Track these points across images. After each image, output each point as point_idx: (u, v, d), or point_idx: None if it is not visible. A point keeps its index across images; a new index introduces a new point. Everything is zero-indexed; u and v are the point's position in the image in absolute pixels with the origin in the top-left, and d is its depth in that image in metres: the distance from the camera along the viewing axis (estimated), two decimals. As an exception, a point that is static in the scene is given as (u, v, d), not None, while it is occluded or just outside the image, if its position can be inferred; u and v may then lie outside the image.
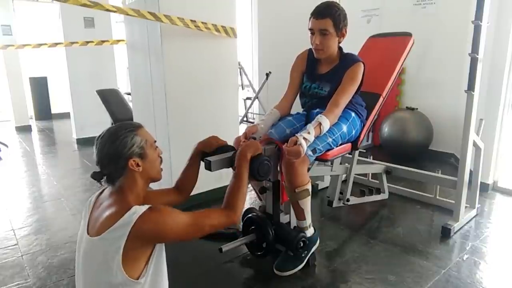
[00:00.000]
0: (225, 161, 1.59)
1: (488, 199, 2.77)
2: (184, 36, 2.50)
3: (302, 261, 1.84)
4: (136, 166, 1.20)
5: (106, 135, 1.20)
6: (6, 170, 3.89)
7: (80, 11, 4.46)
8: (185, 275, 1.83)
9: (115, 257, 1.09)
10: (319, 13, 1.83)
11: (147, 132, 1.28)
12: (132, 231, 1.09)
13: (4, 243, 2.26)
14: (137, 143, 1.20)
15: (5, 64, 5.92)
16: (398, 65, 2.30)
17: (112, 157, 1.18)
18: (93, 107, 4.86)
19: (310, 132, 1.68)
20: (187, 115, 2.63)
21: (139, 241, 1.12)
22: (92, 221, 1.22)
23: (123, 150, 1.18)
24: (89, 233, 1.18)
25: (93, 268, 1.16)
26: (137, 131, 1.23)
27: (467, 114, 2.14)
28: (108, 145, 1.18)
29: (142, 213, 1.12)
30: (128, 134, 1.20)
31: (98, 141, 1.21)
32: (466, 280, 1.77)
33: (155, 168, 1.29)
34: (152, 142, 1.28)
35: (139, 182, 1.24)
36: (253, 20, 5.17)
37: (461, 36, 3.47)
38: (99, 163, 1.20)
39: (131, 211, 1.13)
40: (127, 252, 1.10)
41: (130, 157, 1.19)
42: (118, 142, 1.18)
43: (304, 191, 1.79)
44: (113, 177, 1.21)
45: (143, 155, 1.22)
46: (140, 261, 1.15)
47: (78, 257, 1.24)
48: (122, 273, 1.10)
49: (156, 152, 1.30)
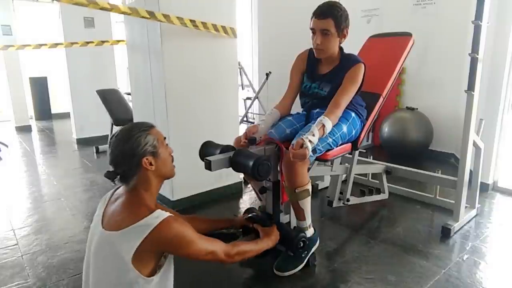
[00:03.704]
0: (224, 161, 1.59)
1: (488, 199, 2.77)
2: (184, 36, 2.50)
3: (302, 261, 1.84)
4: (149, 165, 1.23)
5: (120, 134, 1.23)
6: (6, 170, 3.90)
7: (80, 11, 4.47)
8: (185, 275, 1.83)
9: (128, 255, 1.11)
10: (321, 13, 1.83)
11: (159, 131, 1.30)
12: (150, 234, 1.11)
13: (4, 243, 2.25)
14: (150, 142, 1.23)
15: (5, 64, 5.92)
16: (398, 65, 2.30)
17: (126, 155, 1.20)
18: (93, 107, 4.86)
19: (315, 134, 1.67)
20: (187, 115, 2.63)
21: (154, 245, 1.14)
22: (107, 215, 1.24)
23: (137, 148, 1.20)
24: (104, 227, 1.20)
25: (105, 261, 1.18)
26: (150, 130, 1.26)
27: (467, 114, 2.14)
28: (122, 144, 1.21)
29: (164, 219, 1.14)
30: (141, 133, 1.22)
31: (112, 140, 1.23)
32: (466, 280, 1.76)
33: (168, 166, 1.32)
34: (163, 140, 1.31)
35: (153, 181, 1.26)
36: (253, 20, 5.17)
37: (461, 36, 3.47)
38: (113, 162, 1.22)
39: (154, 214, 1.15)
40: (140, 252, 1.12)
41: (144, 155, 1.21)
42: (132, 141, 1.20)
43: (304, 191, 1.79)
44: (126, 176, 1.23)
45: (156, 153, 1.25)
46: (152, 261, 1.18)
47: (89, 249, 1.26)
48: (133, 270, 1.12)
49: (167, 150, 1.32)
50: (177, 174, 1.65)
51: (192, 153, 1.91)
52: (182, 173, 2.63)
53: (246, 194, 2.99)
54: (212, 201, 2.81)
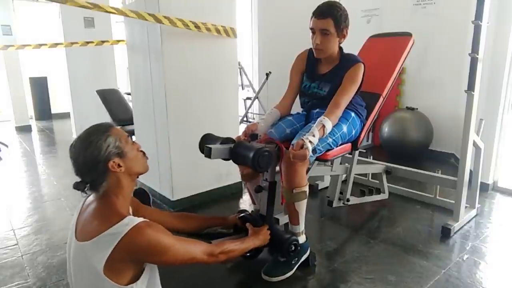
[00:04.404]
0: (225, 150, 1.57)
1: (488, 199, 2.77)
2: (184, 36, 2.50)
3: (291, 268, 1.80)
4: (117, 167, 1.16)
5: (78, 142, 1.15)
6: (6, 170, 3.90)
7: (80, 11, 4.47)
8: (183, 275, 1.83)
9: (99, 265, 1.06)
10: (320, 13, 1.83)
11: (120, 130, 1.23)
12: (121, 242, 1.05)
13: (4, 243, 2.25)
14: (112, 143, 1.15)
15: (5, 64, 5.92)
16: (398, 65, 2.30)
17: (90, 164, 1.13)
18: (93, 107, 4.85)
19: (315, 135, 1.67)
20: (187, 115, 2.63)
21: (128, 254, 1.08)
22: (79, 225, 1.18)
23: (100, 154, 1.13)
24: (77, 238, 1.15)
25: (81, 272, 1.14)
26: (110, 131, 1.18)
27: (467, 114, 2.14)
28: (83, 153, 1.13)
29: (135, 226, 1.08)
30: (101, 137, 1.15)
31: (71, 151, 1.15)
32: (466, 280, 1.76)
33: (139, 162, 1.25)
34: (127, 139, 1.22)
35: (124, 183, 1.20)
36: (253, 20, 5.17)
37: (461, 36, 3.47)
38: (78, 173, 1.15)
39: (124, 221, 1.09)
40: (112, 261, 1.06)
41: (109, 159, 1.14)
42: (93, 147, 1.13)
43: (301, 192, 1.78)
44: (96, 183, 1.16)
45: (122, 153, 1.17)
46: (129, 269, 1.12)
47: (68, 261, 1.22)
48: (107, 280, 1.07)
49: (134, 146, 1.25)
50: (177, 174, 1.65)
51: (192, 153, 1.90)
52: (182, 173, 2.66)
53: (246, 194, 2.99)
54: (212, 201, 2.81)
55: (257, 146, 1.54)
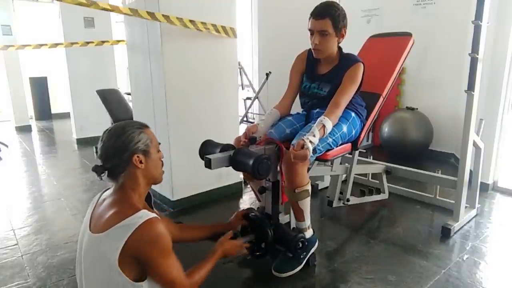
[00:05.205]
0: (224, 159, 1.58)
1: (488, 199, 2.77)
2: (184, 36, 2.50)
3: (300, 263, 1.84)
4: (139, 163, 1.21)
5: (113, 128, 1.22)
6: (6, 170, 3.90)
7: (80, 11, 4.47)
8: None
9: (113, 257, 1.08)
10: (318, 14, 1.83)
11: (153, 134, 1.30)
12: (134, 234, 1.08)
13: (4, 243, 2.26)
14: (143, 140, 1.22)
15: (5, 64, 5.93)
16: (398, 65, 2.30)
17: (117, 149, 1.19)
18: (93, 107, 4.86)
19: (315, 135, 1.67)
20: (187, 115, 2.63)
21: (134, 247, 1.09)
22: (94, 218, 1.22)
23: (129, 144, 1.19)
24: (91, 230, 1.18)
25: (94, 265, 1.15)
26: (145, 129, 1.25)
27: (467, 114, 2.14)
28: (115, 138, 1.19)
29: (149, 219, 1.11)
30: (135, 130, 1.22)
31: (105, 134, 1.22)
32: (466, 280, 1.76)
33: (157, 169, 1.30)
34: (157, 144, 1.30)
35: (141, 181, 1.24)
36: (253, 20, 5.17)
37: (461, 36, 3.47)
38: (103, 156, 1.20)
39: (139, 214, 1.12)
40: (125, 254, 1.08)
41: (135, 152, 1.20)
42: (125, 136, 1.20)
43: (304, 191, 1.79)
44: (115, 172, 1.21)
45: (147, 153, 1.24)
46: (137, 266, 1.13)
47: (79, 254, 1.23)
48: (121, 273, 1.09)
49: (159, 154, 1.31)
50: (177, 174, 1.65)
51: (192, 153, 1.90)
52: (182, 173, 2.66)
53: (246, 194, 2.99)
54: (212, 201, 2.81)
55: (257, 153, 1.55)
